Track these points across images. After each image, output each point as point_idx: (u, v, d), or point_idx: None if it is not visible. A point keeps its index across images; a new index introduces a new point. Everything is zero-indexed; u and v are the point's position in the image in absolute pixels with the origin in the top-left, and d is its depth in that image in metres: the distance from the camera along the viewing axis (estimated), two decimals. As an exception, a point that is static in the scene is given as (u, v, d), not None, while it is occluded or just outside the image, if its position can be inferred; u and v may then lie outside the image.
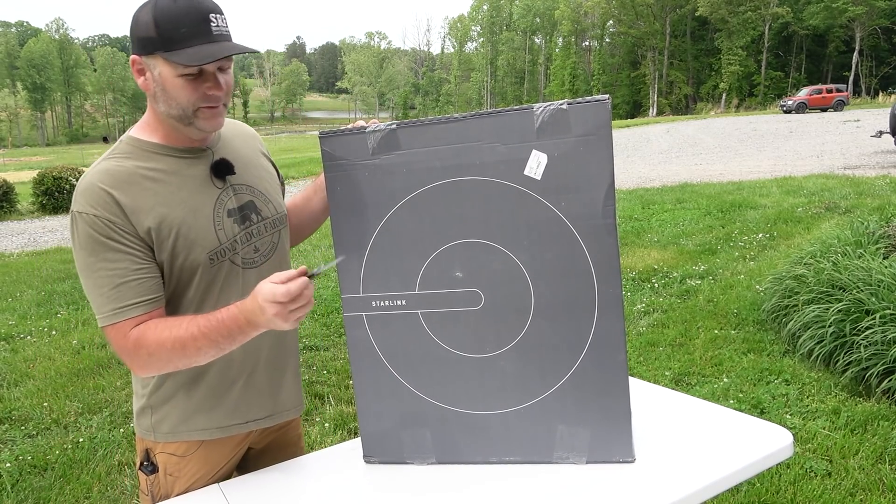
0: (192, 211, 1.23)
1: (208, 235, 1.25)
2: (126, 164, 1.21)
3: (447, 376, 1.30)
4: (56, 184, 14.14)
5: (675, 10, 58.53)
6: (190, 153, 1.27)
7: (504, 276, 1.24)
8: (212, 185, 1.28)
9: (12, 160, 42.72)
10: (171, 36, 1.12)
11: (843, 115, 29.91)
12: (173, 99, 1.17)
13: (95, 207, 1.15)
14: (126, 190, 1.18)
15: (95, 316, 1.19)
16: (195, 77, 1.16)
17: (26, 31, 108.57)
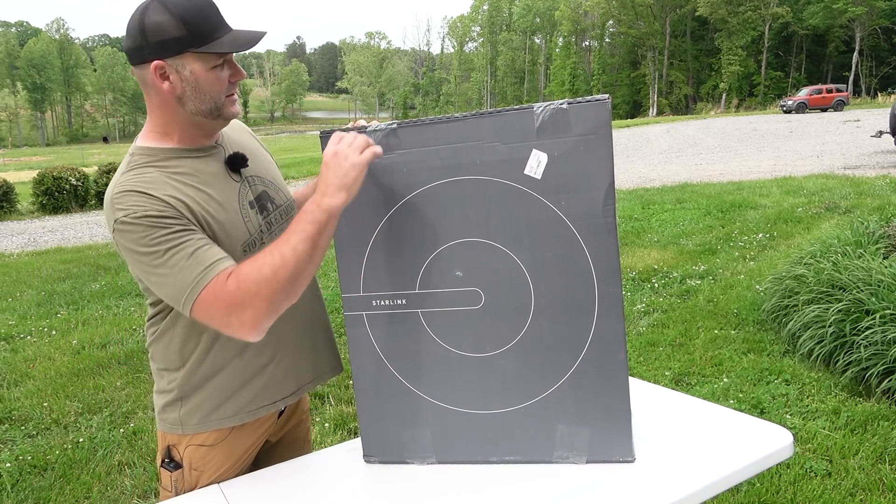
0: (220, 205, 1.25)
1: (239, 228, 1.27)
2: (149, 171, 1.20)
3: (447, 375, 1.30)
4: (56, 184, 14.13)
5: (675, 11, 58.53)
6: (204, 152, 1.28)
7: (504, 275, 1.25)
8: (230, 179, 1.30)
9: (12, 160, 42.71)
10: (201, 30, 1.13)
11: (843, 115, 29.91)
12: (206, 93, 1.19)
13: (139, 207, 1.14)
14: (160, 189, 1.17)
15: (181, 304, 1.13)
16: (221, 67, 1.19)
17: (26, 31, 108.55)
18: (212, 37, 1.14)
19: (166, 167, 1.21)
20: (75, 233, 11.06)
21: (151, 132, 1.25)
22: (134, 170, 1.20)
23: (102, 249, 8.80)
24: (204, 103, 1.20)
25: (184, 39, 1.13)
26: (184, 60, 1.15)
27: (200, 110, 1.21)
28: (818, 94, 34.44)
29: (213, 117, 1.23)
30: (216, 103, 1.21)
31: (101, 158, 32.83)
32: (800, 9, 49.88)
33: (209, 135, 1.29)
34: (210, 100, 1.20)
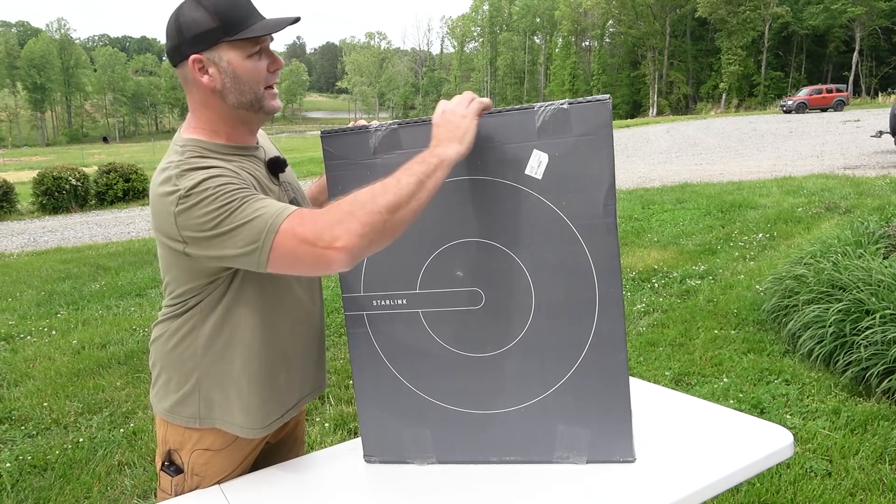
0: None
1: None
2: (208, 160, 1.17)
3: (448, 376, 1.30)
4: (56, 184, 14.13)
5: (675, 11, 58.52)
6: (247, 151, 1.27)
7: (505, 275, 1.25)
8: (272, 183, 1.29)
9: (12, 160, 42.70)
10: (233, 20, 1.14)
11: (843, 115, 29.91)
12: (245, 83, 1.18)
13: (207, 175, 1.11)
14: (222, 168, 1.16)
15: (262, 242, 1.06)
16: (258, 56, 1.18)
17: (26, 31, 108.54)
18: (244, 24, 1.15)
19: (225, 160, 1.19)
20: (75, 233, 11.05)
21: (198, 128, 1.23)
22: (190, 158, 1.16)
23: (102, 249, 8.80)
24: (244, 95, 1.19)
25: (217, 30, 1.14)
26: (220, 52, 1.16)
27: (242, 103, 1.20)
28: (818, 94, 34.43)
29: (254, 110, 1.22)
30: (256, 94, 1.20)
31: (101, 158, 32.83)
32: (800, 9, 49.87)
33: (252, 132, 1.28)
34: (250, 91, 1.19)
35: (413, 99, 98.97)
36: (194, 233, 1.11)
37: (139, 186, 15.13)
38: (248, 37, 1.14)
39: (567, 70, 70.36)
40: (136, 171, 15.28)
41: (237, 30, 1.14)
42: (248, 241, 1.07)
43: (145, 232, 10.61)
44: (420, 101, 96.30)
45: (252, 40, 1.17)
